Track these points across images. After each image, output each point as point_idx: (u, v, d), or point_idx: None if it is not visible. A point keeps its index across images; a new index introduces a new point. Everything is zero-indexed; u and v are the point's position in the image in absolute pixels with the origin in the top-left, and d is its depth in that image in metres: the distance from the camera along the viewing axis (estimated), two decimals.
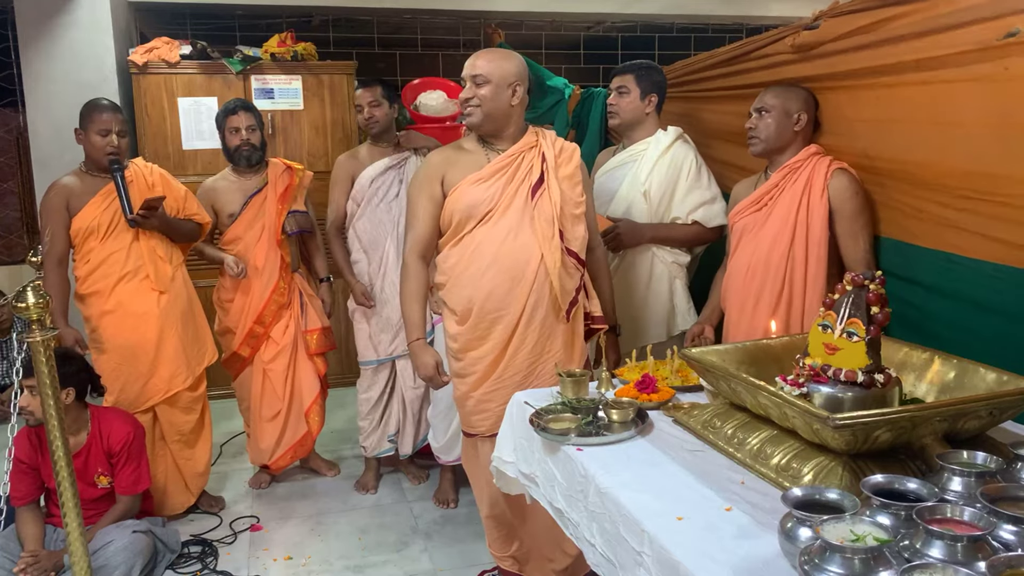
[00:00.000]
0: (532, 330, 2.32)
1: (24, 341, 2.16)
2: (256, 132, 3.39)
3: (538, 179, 2.32)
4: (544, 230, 2.29)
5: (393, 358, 3.43)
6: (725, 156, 3.10)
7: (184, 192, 3.26)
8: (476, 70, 2.30)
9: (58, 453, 2.19)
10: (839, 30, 2.29)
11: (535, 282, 2.29)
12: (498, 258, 2.29)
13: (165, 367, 3.15)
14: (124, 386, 3.12)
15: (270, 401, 3.49)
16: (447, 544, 3.10)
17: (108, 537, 2.68)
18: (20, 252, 5.56)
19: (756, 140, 2.45)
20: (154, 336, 3.12)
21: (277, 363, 3.47)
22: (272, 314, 3.43)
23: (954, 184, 1.99)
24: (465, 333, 2.36)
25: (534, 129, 2.41)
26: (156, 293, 3.13)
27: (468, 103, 2.32)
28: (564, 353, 2.38)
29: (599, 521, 1.55)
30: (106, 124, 3.02)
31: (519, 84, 2.32)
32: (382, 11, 5.30)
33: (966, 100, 1.92)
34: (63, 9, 4.25)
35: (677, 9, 5.47)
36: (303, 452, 3.60)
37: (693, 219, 2.84)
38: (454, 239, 2.35)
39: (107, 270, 3.07)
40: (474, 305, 2.32)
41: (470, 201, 2.30)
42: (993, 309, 1.92)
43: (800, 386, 1.55)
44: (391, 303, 3.34)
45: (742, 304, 2.45)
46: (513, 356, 2.34)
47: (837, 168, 2.31)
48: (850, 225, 2.28)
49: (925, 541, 1.10)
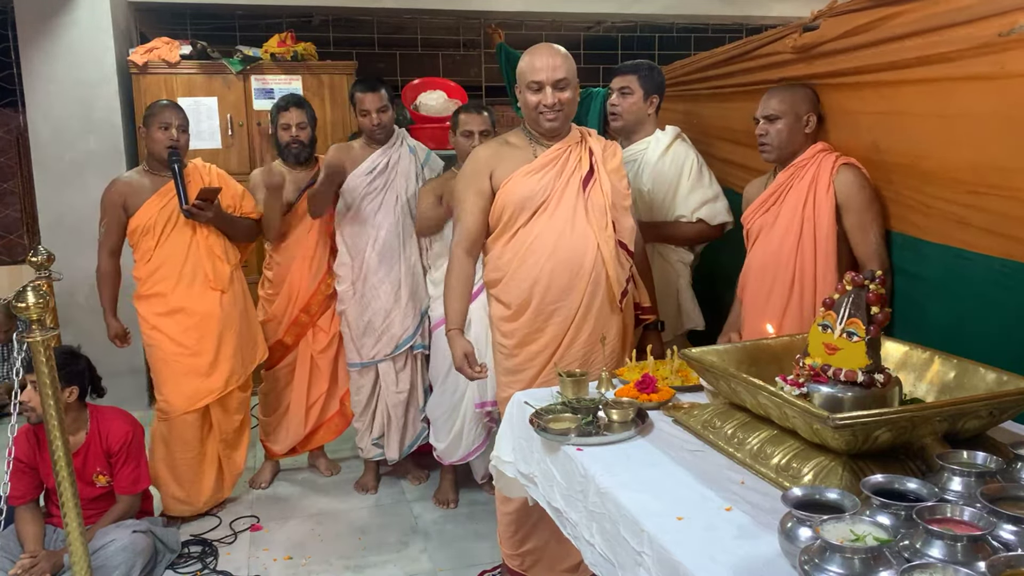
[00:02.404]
0: (589, 321, 2.32)
1: (24, 341, 2.16)
2: (306, 130, 3.41)
3: (588, 171, 2.33)
4: (599, 220, 2.30)
5: (376, 362, 3.43)
6: (727, 154, 3.10)
7: (241, 191, 3.31)
8: (559, 73, 2.25)
9: (58, 453, 2.19)
10: (839, 29, 2.29)
11: (593, 272, 2.30)
12: (557, 249, 2.29)
13: (224, 366, 3.19)
14: (182, 386, 3.14)
15: (315, 386, 3.59)
16: (447, 544, 3.10)
17: (108, 537, 2.68)
18: (20, 252, 5.57)
19: (769, 148, 2.42)
20: (215, 336, 3.16)
21: (327, 353, 3.56)
22: (319, 304, 3.50)
23: (961, 179, 1.98)
24: (522, 328, 2.35)
25: (579, 128, 2.42)
26: (217, 293, 3.16)
27: (553, 109, 2.28)
28: (618, 342, 2.39)
29: (599, 521, 1.55)
30: (167, 119, 3.10)
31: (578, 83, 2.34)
32: (382, 11, 5.30)
33: (968, 96, 1.92)
34: (63, 9, 4.26)
35: (677, 9, 5.47)
36: (328, 436, 3.71)
37: (698, 217, 2.85)
38: (507, 234, 2.34)
39: (167, 271, 3.11)
40: (533, 298, 2.31)
41: (524, 193, 2.29)
42: (1002, 305, 1.91)
43: (800, 386, 1.55)
44: (371, 307, 3.34)
45: (755, 302, 2.46)
46: (568, 347, 2.34)
47: (843, 163, 2.30)
48: (859, 218, 2.26)
49: (925, 541, 1.10)
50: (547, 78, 2.26)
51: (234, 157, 4.60)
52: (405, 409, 3.47)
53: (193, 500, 3.26)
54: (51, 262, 3.07)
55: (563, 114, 2.30)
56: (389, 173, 3.31)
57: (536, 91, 2.28)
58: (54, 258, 3.08)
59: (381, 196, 3.30)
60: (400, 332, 3.35)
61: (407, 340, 3.37)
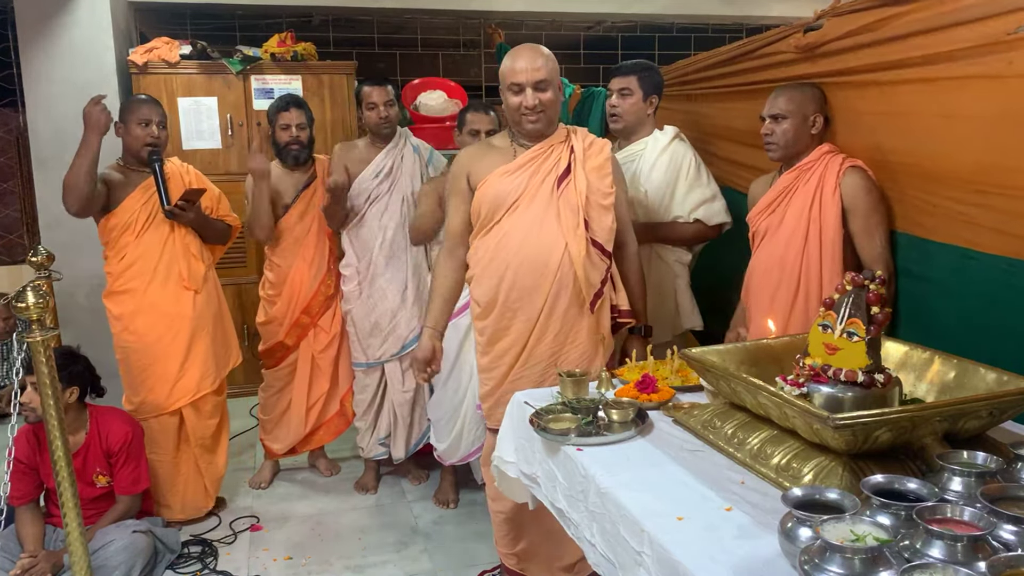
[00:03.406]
0: (554, 321, 2.30)
1: (24, 341, 2.16)
2: (306, 130, 3.39)
3: (564, 170, 2.31)
4: (569, 219, 2.27)
5: (382, 362, 3.43)
6: (728, 154, 3.10)
7: (218, 194, 3.28)
8: (540, 74, 2.23)
9: (58, 453, 2.19)
10: (842, 29, 2.29)
11: (559, 272, 2.27)
12: (522, 248, 2.27)
13: (195, 369, 3.14)
14: (153, 387, 3.09)
15: (316, 386, 3.57)
16: (447, 544, 3.10)
17: (108, 537, 2.68)
18: (20, 252, 5.56)
19: (775, 147, 2.41)
20: (187, 337, 3.11)
21: (327, 353, 3.54)
22: (320, 304, 3.49)
23: (968, 178, 1.98)
24: (490, 325, 2.35)
25: (566, 127, 2.39)
26: (191, 293, 3.12)
27: (534, 111, 2.26)
28: (588, 344, 2.34)
29: (599, 521, 1.55)
30: (146, 115, 3.03)
31: (560, 78, 2.32)
32: (382, 11, 5.30)
33: (975, 95, 1.92)
34: (63, 9, 4.25)
35: (677, 9, 5.47)
36: (328, 436, 3.69)
37: (695, 217, 2.84)
38: (483, 231, 2.34)
39: (141, 267, 3.05)
40: (499, 295, 2.31)
41: (497, 192, 2.29)
42: (1008, 304, 1.91)
43: (800, 386, 1.55)
44: (378, 308, 3.35)
45: (760, 305, 2.44)
46: (535, 347, 2.32)
47: (850, 166, 2.28)
48: (865, 222, 2.25)
49: (925, 541, 1.10)
50: (527, 80, 2.24)
51: (234, 157, 4.59)
52: (411, 408, 3.48)
53: (172, 504, 3.19)
54: (51, 262, 3.06)
55: (545, 115, 2.28)
56: (395, 174, 3.33)
57: (517, 93, 2.26)
58: (54, 258, 3.08)
59: (387, 198, 3.31)
60: (407, 332, 3.36)
61: (414, 340, 3.37)
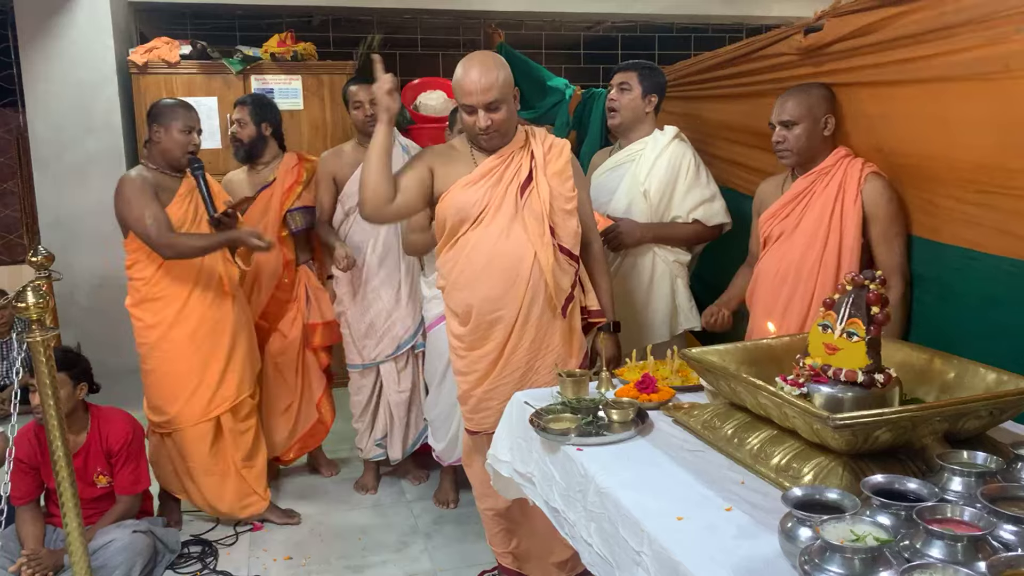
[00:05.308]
0: (529, 328, 2.31)
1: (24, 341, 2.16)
2: (247, 128, 3.36)
3: (527, 177, 2.31)
4: (534, 228, 2.27)
5: (377, 363, 3.43)
6: (728, 155, 3.10)
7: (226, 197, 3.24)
8: (490, 95, 2.21)
9: (58, 453, 2.19)
10: (844, 30, 2.28)
11: (530, 281, 2.28)
12: (492, 259, 2.27)
13: (235, 374, 3.10)
14: (192, 396, 3.01)
15: (281, 393, 3.51)
16: (447, 544, 3.10)
17: (108, 537, 2.68)
18: (20, 252, 5.56)
19: (788, 154, 2.36)
20: (228, 342, 3.07)
21: (287, 356, 3.49)
22: (275, 310, 3.45)
23: (970, 179, 1.97)
24: (468, 334, 2.36)
25: (524, 129, 2.39)
26: (230, 298, 3.09)
27: (487, 131, 2.26)
28: (563, 348, 2.37)
29: (598, 521, 1.54)
30: (191, 121, 2.95)
31: (514, 88, 2.30)
32: (382, 11, 5.30)
33: (976, 96, 1.92)
34: (63, 9, 4.25)
35: (677, 9, 5.46)
36: (313, 443, 3.65)
37: (694, 218, 2.84)
38: (450, 242, 2.34)
39: (181, 273, 2.95)
40: (473, 307, 2.31)
41: (461, 204, 2.29)
42: (1011, 305, 1.91)
43: (800, 386, 1.55)
44: (373, 309, 3.35)
45: (769, 310, 2.40)
46: (512, 354, 2.34)
47: (871, 172, 2.25)
48: (885, 231, 2.22)
49: (925, 541, 1.10)
50: (478, 102, 2.22)
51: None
52: (407, 408, 3.48)
53: (217, 505, 3.13)
54: (51, 262, 3.06)
55: (499, 132, 2.28)
56: None
57: (470, 113, 2.26)
58: (54, 258, 3.07)
59: None
60: (402, 332, 3.36)
61: (409, 340, 3.38)
